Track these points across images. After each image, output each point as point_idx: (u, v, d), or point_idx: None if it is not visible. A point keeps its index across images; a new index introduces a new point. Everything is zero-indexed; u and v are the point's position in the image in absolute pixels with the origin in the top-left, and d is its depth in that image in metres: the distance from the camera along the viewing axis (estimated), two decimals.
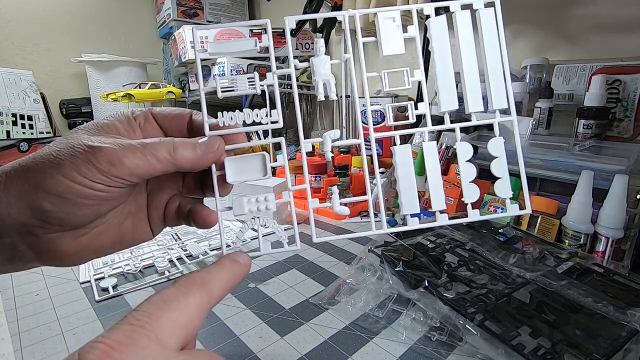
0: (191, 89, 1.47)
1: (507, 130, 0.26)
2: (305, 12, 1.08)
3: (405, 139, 0.79)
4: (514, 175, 0.25)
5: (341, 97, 1.26)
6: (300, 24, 1.10)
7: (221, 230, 0.24)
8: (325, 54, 0.25)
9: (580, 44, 0.81)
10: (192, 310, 0.18)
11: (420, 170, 0.68)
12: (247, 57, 1.26)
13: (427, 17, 0.25)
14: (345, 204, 0.25)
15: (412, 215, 0.24)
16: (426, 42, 0.27)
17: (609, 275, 0.46)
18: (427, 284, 0.43)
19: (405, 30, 0.25)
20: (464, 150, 0.25)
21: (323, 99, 0.24)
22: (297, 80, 1.40)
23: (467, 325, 0.38)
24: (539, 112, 0.74)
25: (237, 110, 0.23)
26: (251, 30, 1.35)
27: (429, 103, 0.26)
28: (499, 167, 0.24)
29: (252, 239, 0.61)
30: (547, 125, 0.74)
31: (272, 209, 0.24)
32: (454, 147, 0.72)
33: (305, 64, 0.25)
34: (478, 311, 0.39)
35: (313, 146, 0.27)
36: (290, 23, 0.24)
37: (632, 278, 0.45)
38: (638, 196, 0.54)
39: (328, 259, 0.60)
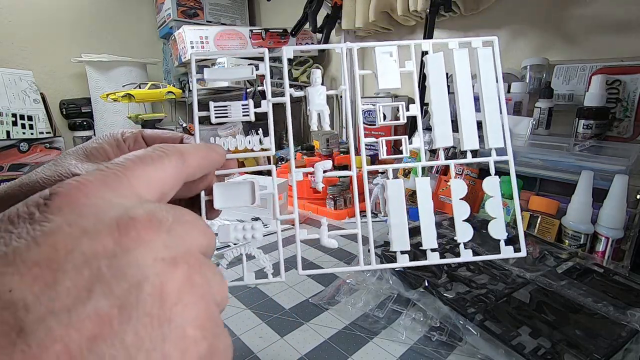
0: (191, 89, 1.47)
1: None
2: (304, 12, 1.08)
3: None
4: (508, 174, 0.25)
5: (341, 97, 1.25)
6: (300, 24, 1.10)
7: None
8: (322, 84, 0.25)
9: (580, 44, 0.80)
10: (168, 170, 0.17)
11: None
12: (246, 57, 1.26)
13: (425, 52, 0.25)
14: (334, 235, 0.25)
15: (403, 252, 0.24)
16: (423, 76, 0.27)
17: (609, 276, 0.46)
18: (427, 284, 0.43)
19: (403, 64, 0.25)
20: (458, 188, 0.24)
21: (316, 129, 0.25)
22: (297, 81, 1.41)
23: (467, 325, 0.38)
24: (539, 112, 0.74)
25: (229, 137, 0.23)
26: (251, 31, 1.35)
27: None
28: (493, 207, 0.24)
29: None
30: (547, 125, 0.74)
31: (259, 238, 0.23)
32: (454, 147, 0.71)
33: (300, 93, 0.25)
34: (478, 311, 0.39)
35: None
36: (288, 53, 0.25)
37: (632, 278, 0.45)
38: (638, 196, 0.54)
39: (328, 259, 0.60)
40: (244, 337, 0.41)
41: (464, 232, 0.24)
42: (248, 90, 1.26)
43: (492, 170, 0.24)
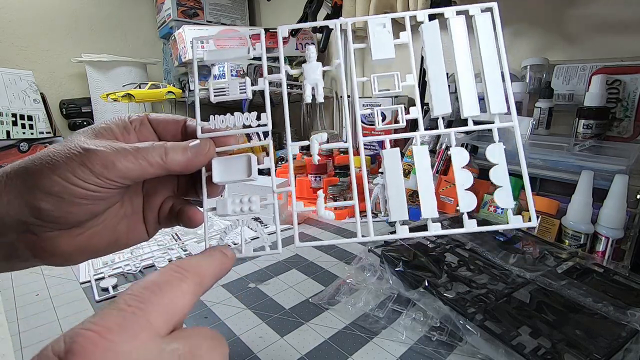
0: (191, 89, 1.47)
1: (506, 129, 0.25)
2: (305, 12, 1.08)
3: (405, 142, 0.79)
4: (515, 175, 0.25)
5: (341, 97, 1.26)
6: (300, 23, 1.10)
7: (205, 229, 0.25)
8: (318, 60, 0.25)
9: (580, 44, 0.80)
10: (185, 296, 0.18)
11: None
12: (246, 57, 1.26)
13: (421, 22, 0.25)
14: (334, 208, 0.25)
15: (404, 222, 0.24)
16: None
17: (609, 275, 0.46)
18: (427, 284, 0.43)
19: (398, 35, 0.25)
20: (459, 156, 0.23)
21: (309, 101, 0.25)
22: (297, 81, 1.40)
23: (467, 325, 0.38)
24: (539, 112, 0.74)
25: (227, 114, 0.24)
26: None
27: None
28: (498, 175, 0.23)
29: (252, 239, 0.61)
30: (547, 125, 0.74)
31: (256, 211, 0.24)
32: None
33: (297, 71, 0.26)
34: (478, 311, 0.39)
35: None
36: (283, 32, 0.25)
37: (632, 278, 0.45)
38: (638, 196, 0.54)
39: (328, 259, 0.60)
40: (244, 337, 0.41)
41: (466, 201, 0.23)
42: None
43: (496, 137, 0.23)
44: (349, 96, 1.27)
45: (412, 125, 0.26)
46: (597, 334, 0.35)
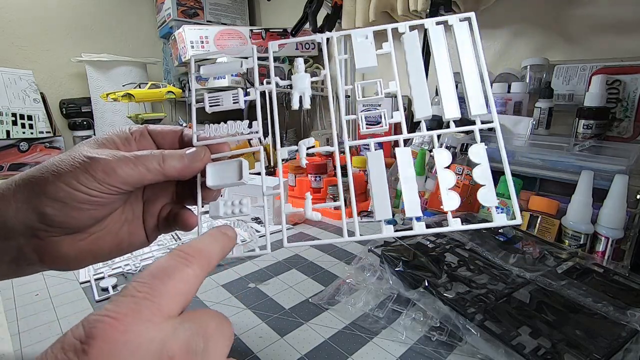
0: (191, 88, 1.47)
1: (506, 129, 0.26)
2: (305, 12, 1.08)
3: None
4: (515, 175, 0.25)
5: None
6: (300, 24, 1.10)
7: (199, 232, 0.26)
8: (305, 71, 0.27)
9: (580, 44, 0.80)
10: (192, 280, 0.18)
11: (420, 170, 0.67)
12: (246, 57, 1.26)
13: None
14: (319, 209, 0.26)
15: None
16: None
17: (609, 275, 0.46)
18: (427, 284, 0.43)
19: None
20: (441, 157, 0.24)
21: (296, 108, 0.26)
22: None
23: (467, 325, 0.38)
24: (539, 112, 0.74)
25: (221, 122, 0.26)
26: (251, 31, 1.35)
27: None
28: (481, 175, 0.24)
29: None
30: (547, 125, 0.74)
31: (247, 213, 0.25)
32: (454, 147, 0.71)
33: (287, 82, 0.27)
34: (478, 311, 0.39)
35: (313, 146, 0.28)
36: (273, 47, 0.27)
37: (632, 278, 0.45)
38: (638, 196, 0.54)
39: (328, 258, 0.60)
40: (244, 337, 0.41)
41: (449, 201, 0.24)
42: (248, 89, 1.26)
43: (478, 138, 0.25)
44: (348, 96, 1.26)
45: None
46: (597, 334, 0.35)
